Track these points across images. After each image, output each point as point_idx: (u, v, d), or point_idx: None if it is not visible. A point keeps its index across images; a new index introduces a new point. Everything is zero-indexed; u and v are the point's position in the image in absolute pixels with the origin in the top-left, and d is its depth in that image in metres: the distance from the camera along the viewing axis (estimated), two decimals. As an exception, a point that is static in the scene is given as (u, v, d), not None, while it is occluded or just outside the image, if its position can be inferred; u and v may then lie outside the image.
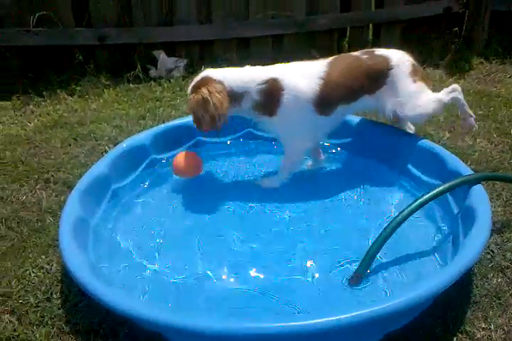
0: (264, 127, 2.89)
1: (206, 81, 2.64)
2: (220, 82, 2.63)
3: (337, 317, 1.77)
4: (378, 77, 2.76)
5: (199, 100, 2.59)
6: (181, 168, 2.82)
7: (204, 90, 2.58)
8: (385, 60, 2.78)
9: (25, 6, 4.01)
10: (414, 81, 2.79)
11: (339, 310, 1.85)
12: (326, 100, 2.70)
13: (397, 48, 2.96)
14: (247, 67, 2.77)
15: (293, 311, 2.10)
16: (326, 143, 3.15)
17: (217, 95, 2.57)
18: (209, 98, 2.56)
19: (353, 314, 1.79)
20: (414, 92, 2.79)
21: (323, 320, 1.77)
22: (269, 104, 2.68)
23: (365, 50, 2.90)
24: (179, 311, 2.07)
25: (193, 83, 2.70)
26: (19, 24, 4.04)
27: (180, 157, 2.82)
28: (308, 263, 2.36)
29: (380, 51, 2.84)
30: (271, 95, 2.66)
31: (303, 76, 2.69)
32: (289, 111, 2.69)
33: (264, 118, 2.75)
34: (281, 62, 2.85)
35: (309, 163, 3.06)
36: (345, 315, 1.78)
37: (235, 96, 2.65)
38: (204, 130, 2.72)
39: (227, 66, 2.86)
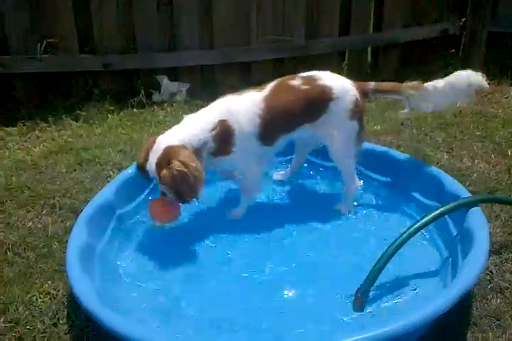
0: (223, 164, 2.84)
1: (170, 152, 2.48)
2: (184, 147, 2.52)
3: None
4: (319, 108, 2.73)
5: (175, 175, 2.42)
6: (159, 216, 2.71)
7: (176, 163, 2.43)
8: (328, 90, 2.71)
9: (32, 34, 4.13)
10: (351, 119, 2.75)
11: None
12: (268, 133, 2.70)
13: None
14: (190, 118, 2.68)
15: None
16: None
17: (192, 163, 2.45)
18: (185, 170, 2.42)
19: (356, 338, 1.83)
20: (346, 132, 2.76)
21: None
22: (224, 145, 2.65)
23: (306, 75, 2.78)
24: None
25: (154, 158, 2.49)
26: (24, 51, 4.15)
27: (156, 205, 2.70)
28: (310, 288, 2.39)
29: (323, 79, 2.74)
30: (224, 137, 2.63)
31: (245, 113, 2.64)
32: (242, 147, 2.68)
33: (220, 158, 2.71)
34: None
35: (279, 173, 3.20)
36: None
37: (197, 152, 2.57)
38: (188, 201, 2.59)
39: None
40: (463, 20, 5.07)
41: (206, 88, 4.57)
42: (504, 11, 5.04)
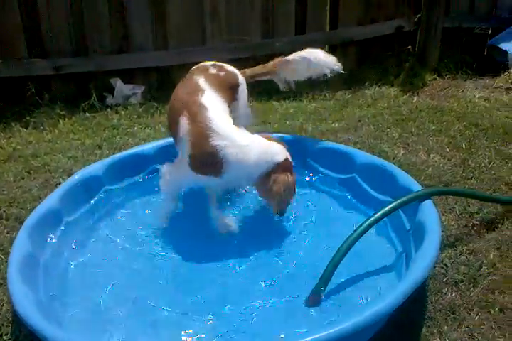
0: None
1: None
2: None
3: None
4: (233, 91, 2.83)
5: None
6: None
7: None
8: (235, 76, 2.88)
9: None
10: (248, 106, 2.98)
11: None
12: None
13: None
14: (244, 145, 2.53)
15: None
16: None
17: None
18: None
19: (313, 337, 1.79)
20: (247, 119, 2.92)
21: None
22: None
23: (213, 63, 2.90)
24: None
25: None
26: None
27: None
28: (266, 288, 2.35)
29: (228, 67, 2.89)
30: None
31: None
32: None
33: None
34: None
35: None
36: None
37: None
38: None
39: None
40: (417, 16, 5.09)
41: (163, 89, 4.48)
42: (458, 6, 5.09)
